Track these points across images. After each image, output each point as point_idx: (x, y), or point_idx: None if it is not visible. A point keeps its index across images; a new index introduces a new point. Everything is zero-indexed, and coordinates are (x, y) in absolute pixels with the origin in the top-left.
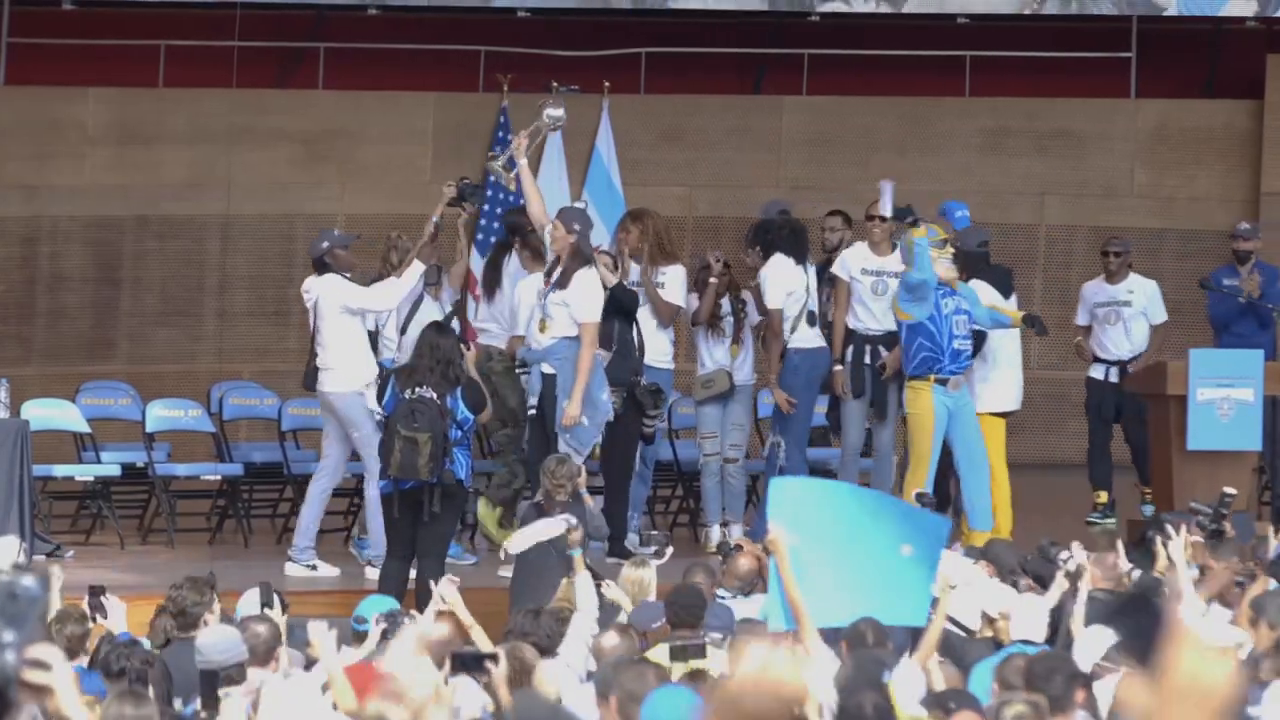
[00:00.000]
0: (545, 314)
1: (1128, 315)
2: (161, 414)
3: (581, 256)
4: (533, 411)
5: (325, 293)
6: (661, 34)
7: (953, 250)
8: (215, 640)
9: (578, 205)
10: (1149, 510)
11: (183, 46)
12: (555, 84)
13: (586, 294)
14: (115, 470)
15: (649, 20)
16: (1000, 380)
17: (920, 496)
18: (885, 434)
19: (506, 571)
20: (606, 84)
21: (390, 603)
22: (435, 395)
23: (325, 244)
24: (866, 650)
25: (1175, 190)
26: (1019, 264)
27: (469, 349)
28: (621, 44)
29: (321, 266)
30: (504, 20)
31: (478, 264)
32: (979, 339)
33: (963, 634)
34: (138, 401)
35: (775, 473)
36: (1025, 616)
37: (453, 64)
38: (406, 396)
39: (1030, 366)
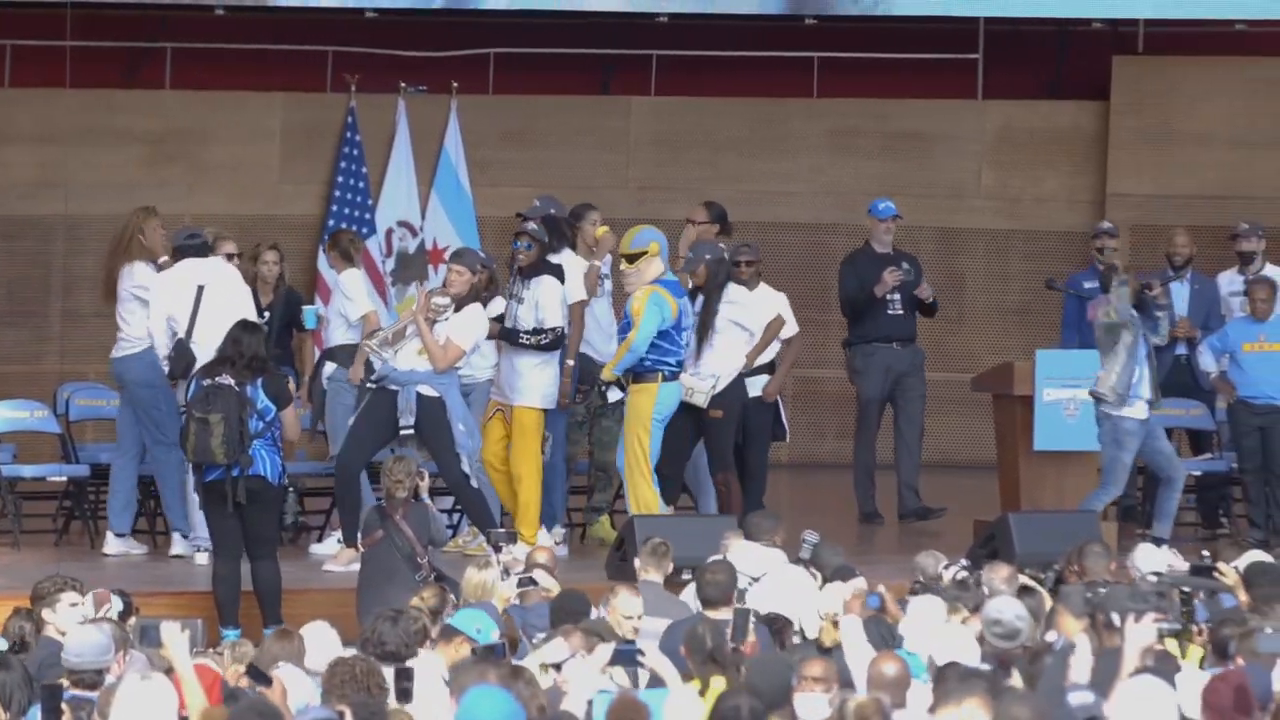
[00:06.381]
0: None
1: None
2: (7, 415)
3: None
4: (408, 431)
5: None
6: (510, 35)
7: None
8: (84, 643)
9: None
10: None
11: (28, 46)
12: (404, 85)
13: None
14: None
15: (498, 21)
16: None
17: None
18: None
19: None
20: (455, 84)
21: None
22: (234, 383)
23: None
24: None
25: (1021, 191)
26: None
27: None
28: (470, 44)
29: None
30: (352, 20)
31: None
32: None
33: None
34: None
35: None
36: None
37: (301, 64)
38: (204, 385)
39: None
